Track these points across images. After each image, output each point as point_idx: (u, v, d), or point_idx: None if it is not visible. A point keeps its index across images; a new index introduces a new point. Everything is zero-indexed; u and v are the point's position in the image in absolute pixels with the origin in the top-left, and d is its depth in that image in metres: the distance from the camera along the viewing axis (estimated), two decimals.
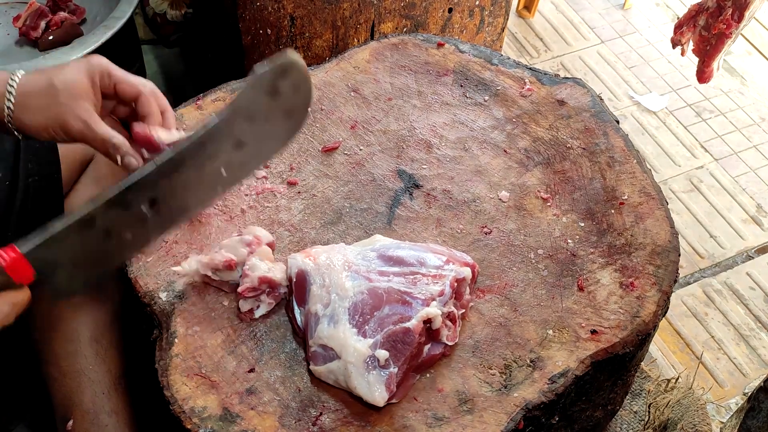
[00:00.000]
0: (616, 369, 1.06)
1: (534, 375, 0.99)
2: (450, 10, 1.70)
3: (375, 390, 0.92)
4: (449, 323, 1.00)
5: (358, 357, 0.93)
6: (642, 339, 1.03)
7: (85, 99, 1.00)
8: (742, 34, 1.44)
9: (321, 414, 0.95)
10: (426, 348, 0.98)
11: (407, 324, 0.95)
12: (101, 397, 1.22)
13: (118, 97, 1.06)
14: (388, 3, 1.61)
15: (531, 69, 1.35)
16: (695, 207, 1.99)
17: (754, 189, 2.04)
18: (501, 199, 1.19)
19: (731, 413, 1.56)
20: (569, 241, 1.13)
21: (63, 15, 1.80)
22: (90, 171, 1.30)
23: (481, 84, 1.33)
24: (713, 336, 1.73)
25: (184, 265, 1.05)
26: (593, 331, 1.03)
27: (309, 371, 0.98)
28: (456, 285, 1.00)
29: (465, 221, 1.16)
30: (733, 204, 2.01)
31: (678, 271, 1.10)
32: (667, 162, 2.09)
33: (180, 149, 0.91)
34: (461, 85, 1.34)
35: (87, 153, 1.29)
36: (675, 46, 1.47)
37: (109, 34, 1.65)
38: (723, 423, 1.53)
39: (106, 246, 0.90)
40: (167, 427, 0.97)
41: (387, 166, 1.22)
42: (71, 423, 1.21)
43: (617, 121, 1.28)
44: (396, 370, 0.93)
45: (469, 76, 1.35)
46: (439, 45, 1.39)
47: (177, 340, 1.00)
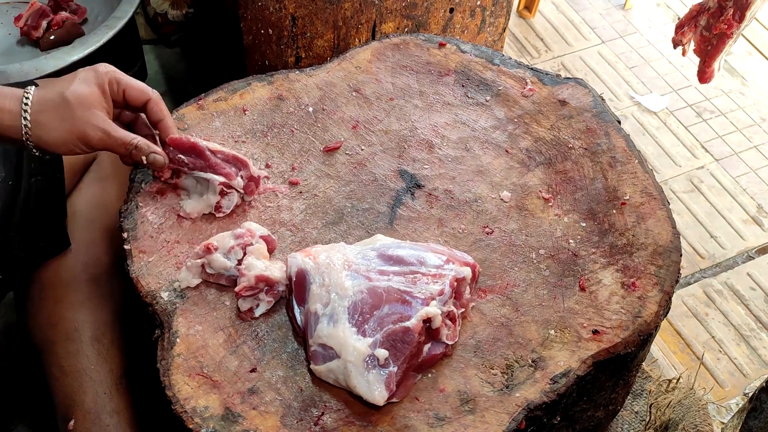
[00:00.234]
0: (617, 369, 1.06)
1: (536, 375, 0.99)
2: (451, 10, 1.70)
3: (375, 389, 0.92)
4: (449, 322, 1.00)
5: (357, 356, 0.93)
6: (644, 339, 1.03)
7: (99, 108, 1.02)
8: (743, 34, 1.44)
9: (323, 414, 0.95)
10: (426, 347, 0.98)
11: (407, 323, 0.95)
12: (103, 397, 1.22)
13: (125, 103, 1.07)
14: (389, 3, 1.61)
15: (532, 69, 1.35)
16: (696, 207, 1.99)
17: (754, 189, 2.04)
18: (503, 199, 1.19)
19: (732, 414, 1.56)
20: (571, 242, 1.13)
21: (64, 15, 1.80)
22: (92, 171, 1.31)
23: (483, 84, 1.33)
24: (714, 336, 1.73)
25: (180, 277, 1.05)
26: (595, 332, 1.03)
27: (310, 371, 0.98)
28: (456, 284, 1.00)
29: (467, 221, 1.16)
30: (734, 204, 2.00)
31: (680, 272, 1.10)
32: (668, 162, 2.09)
33: None
34: (463, 85, 1.34)
35: (89, 154, 1.29)
36: (676, 46, 1.47)
37: (111, 33, 1.65)
38: (724, 423, 1.53)
39: None
40: (169, 427, 0.97)
41: (389, 166, 1.22)
42: (72, 423, 1.21)
43: (618, 122, 1.28)
44: (396, 369, 0.93)
45: (471, 76, 1.35)
46: (441, 45, 1.39)
47: (179, 339, 1.00)
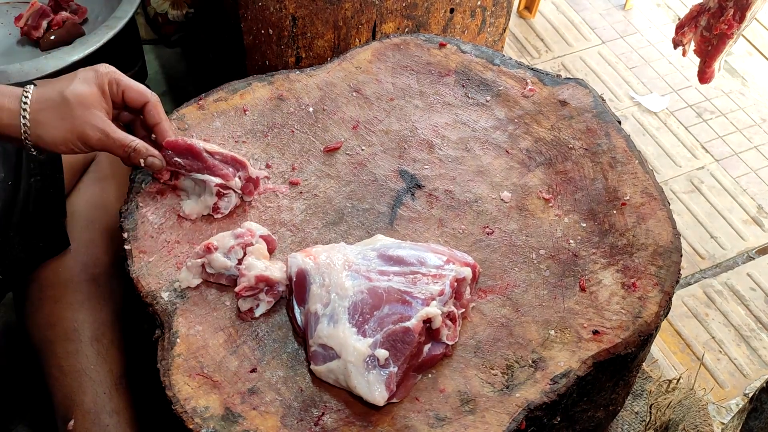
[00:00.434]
0: (617, 370, 1.06)
1: (536, 375, 0.99)
2: (452, 10, 1.70)
3: (375, 389, 0.92)
4: (449, 323, 1.00)
5: (357, 356, 0.93)
6: (644, 339, 1.03)
7: (98, 108, 1.02)
8: (743, 35, 1.44)
9: (323, 414, 0.95)
10: (426, 348, 0.98)
11: (407, 323, 0.94)
12: (102, 397, 1.22)
13: (124, 104, 1.08)
14: (389, 3, 1.61)
15: (533, 69, 1.35)
16: (696, 208, 1.99)
17: (754, 190, 2.04)
18: (503, 200, 1.19)
19: (732, 414, 1.56)
20: (571, 242, 1.13)
21: (65, 15, 1.80)
22: (91, 172, 1.31)
23: (483, 84, 1.33)
24: (714, 337, 1.73)
25: (180, 277, 1.05)
26: (595, 332, 1.03)
27: (311, 371, 0.98)
28: (456, 285, 1.00)
29: (467, 221, 1.16)
30: (734, 205, 2.00)
31: (680, 272, 1.10)
32: (668, 163, 2.09)
33: None
34: (463, 86, 1.34)
35: (89, 154, 1.29)
36: (676, 46, 1.47)
37: (111, 33, 1.65)
38: (724, 424, 1.53)
39: None
40: (169, 427, 0.97)
41: (389, 166, 1.22)
42: (72, 423, 1.21)
43: (619, 122, 1.28)
44: (396, 369, 0.93)
45: (471, 76, 1.35)
46: (441, 45, 1.39)
47: (179, 340, 1.00)
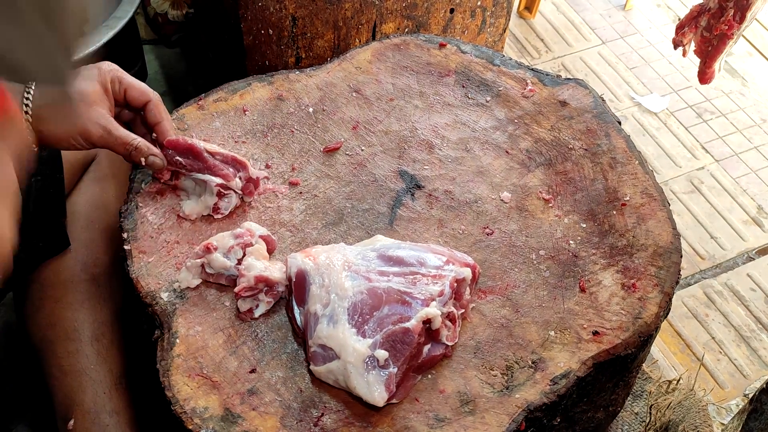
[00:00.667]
0: (617, 370, 1.06)
1: (536, 376, 0.99)
2: (452, 10, 1.70)
3: (374, 390, 0.92)
4: (449, 323, 1.00)
5: (357, 357, 0.93)
6: (644, 340, 1.03)
7: (101, 105, 1.03)
8: (743, 35, 1.44)
9: (322, 415, 0.95)
10: (426, 348, 0.98)
11: (407, 324, 0.94)
12: (102, 397, 1.22)
13: (125, 103, 1.08)
14: (389, 3, 1.61)
15: (533, 70, 1.35)
16: (696, 208, 1.99)
17: (754, 190, 2.04)
18: (503, 200, 1.18)
19: (732, 415, 1.56)
20: (571, 242, 1.13)
21: None
22: (92, 171, 1.31)
23: (483, 85, 1.33)
24: (714, 337, 1.73)
25: (180, 277, 1.05)
26: (595, 333, 1.03)
27: (310, 372, 0.98)
28: (456, 285, 1.00)
29: (467, 222, 1.16)
30: (734, 205, 2.00)
31: (680, 273, 1.10)
32: (668, 163, 2.09)
33: None
34: (463, 86, 1.33)
35: (89, 153, 1.29)
36: (676, 47, 1.47)
37: (111, 33, 1.65)
38: (724, 425, 1.53)
39: None
40: (168, 428, 0.97)
41: (389, 166, 1.22)
42: (72, 422, 1.21)
43: (619, 122, 1.28)
44: (395, 370, 0.93)
45: (471, 76, 1.35)
46: (441, 45, 1.39)
47: (178, 340, 1.00)
